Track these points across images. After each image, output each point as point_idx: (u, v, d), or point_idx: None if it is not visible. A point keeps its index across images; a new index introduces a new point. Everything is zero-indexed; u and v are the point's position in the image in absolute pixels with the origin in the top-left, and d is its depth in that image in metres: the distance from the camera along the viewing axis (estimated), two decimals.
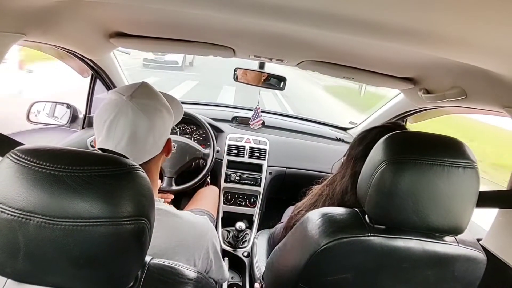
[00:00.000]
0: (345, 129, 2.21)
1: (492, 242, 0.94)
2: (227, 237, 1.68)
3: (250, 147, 1.84)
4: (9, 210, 0.36)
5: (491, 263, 0.73)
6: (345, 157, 0.93)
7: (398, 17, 0.56)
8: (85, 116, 1.55)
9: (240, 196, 1.83)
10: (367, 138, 0.87)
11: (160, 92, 0.78)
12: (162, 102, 0.74)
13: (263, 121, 1.98)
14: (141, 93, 0.71)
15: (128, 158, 0.44)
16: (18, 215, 0.36)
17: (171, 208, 0.72)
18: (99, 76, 1.50)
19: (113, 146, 0.67)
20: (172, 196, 1.31)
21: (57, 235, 0.36)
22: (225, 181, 1.80)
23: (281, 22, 0.73)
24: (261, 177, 1.82)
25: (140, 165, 0.47)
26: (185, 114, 1.15)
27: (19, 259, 0.37)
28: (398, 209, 0.62)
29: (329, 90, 12.68)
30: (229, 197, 1.83)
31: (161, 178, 1.51)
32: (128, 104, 0.68)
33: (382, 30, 0.64)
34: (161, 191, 1.46)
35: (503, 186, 0.97)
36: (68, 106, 1.53)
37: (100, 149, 0.69)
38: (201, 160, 1.66)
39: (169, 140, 0.78)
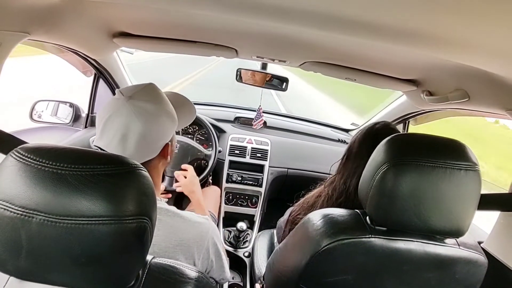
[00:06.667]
0: (347, 131, 2.21)
1: (493, 245, 0.94)
2: (228, 237, 1.68)
3: (252, 148, 1.85)
4: (12, 208, 0.36)
5: (492, 266, 0.73)
6: (342, 158, 0.94)
7: (401, 19, 0.56)
8: (87, 115, 1.56)
9: (242, 197, 1.84)
10: (365, 136, 0.88)
11: (174, 93, 0.76)
12: (163, 107, 0.72)
13: (265, 121, 1.98)
14: (143, 95, 0.70)
15: None
16: (21, 213, 0.36)
17: (173, 207, 0.72)
18: (102, 75, 1.50)
19: (105, 145, 0.67)
20: (169, 195, 1.32)
21: (59, 233, 0.36)
22: (227, 182, 1.81)
23: (284, 23, 0.73)
24: (262, 178, 1.82)
25: None
26: None
27: (21, 257, 0.38)
28: (400, 211, 0.62)
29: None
30: (230, 197, 1.83)
31: (163, 178, 1.51)
32: (124, 105, 0.67)
33: (385, 32, 0.64)
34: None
35: (504, 189, 0.97)
36: (71, 105, 1.53)
37: (96, 146, 0.69)
38: (203, 160, 1.66)
39: (166, 146, 0.75)
